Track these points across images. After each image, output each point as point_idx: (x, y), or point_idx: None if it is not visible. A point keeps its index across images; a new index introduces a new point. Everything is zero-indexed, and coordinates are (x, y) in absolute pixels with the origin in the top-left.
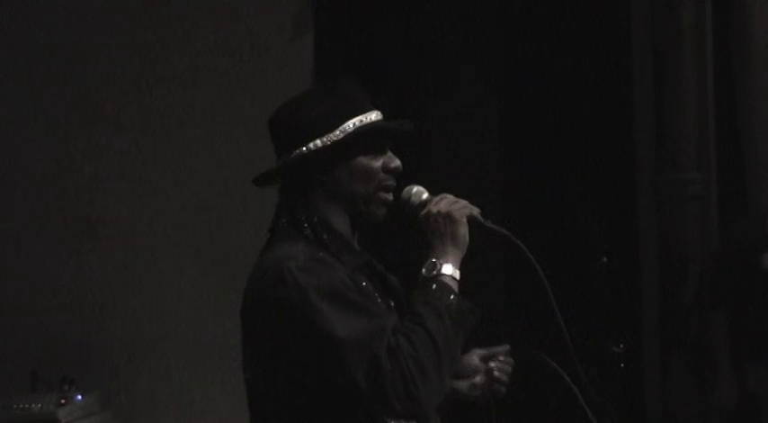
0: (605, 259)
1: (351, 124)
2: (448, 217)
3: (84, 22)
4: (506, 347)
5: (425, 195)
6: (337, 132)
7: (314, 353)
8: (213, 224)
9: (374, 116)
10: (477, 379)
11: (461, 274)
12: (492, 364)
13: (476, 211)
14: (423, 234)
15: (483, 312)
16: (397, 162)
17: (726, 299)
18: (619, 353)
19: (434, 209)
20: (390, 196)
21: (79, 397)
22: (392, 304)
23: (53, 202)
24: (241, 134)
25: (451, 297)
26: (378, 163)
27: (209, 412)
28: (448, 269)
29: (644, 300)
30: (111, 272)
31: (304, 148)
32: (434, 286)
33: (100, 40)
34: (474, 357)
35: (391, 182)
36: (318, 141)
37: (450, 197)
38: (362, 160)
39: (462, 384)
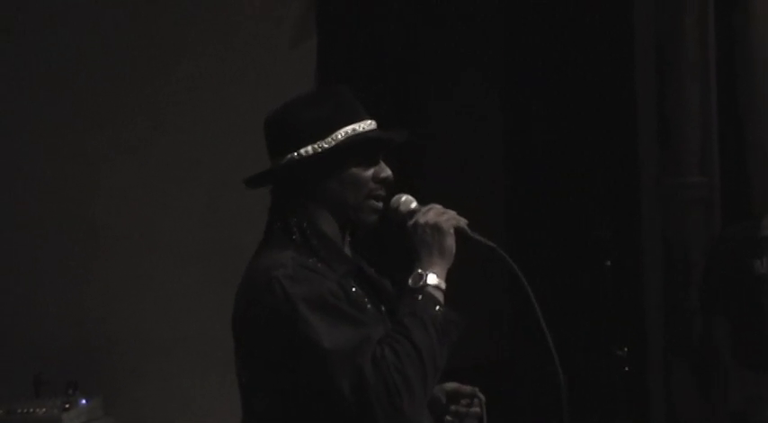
0: (609, 262)
1: (343, 132)
2: (436, 228)
3: (90, 23)
4: (472, 390)
5: (414, 204)
6: (329, 140)
7: (300, 362)
8: (217, 227)
9: (367, 125)
10: (447, 419)
11: (447, 285)
12: (452, 408)
13: (463, 222)
14: (409, 244)
15: (467, 323)
16: (387, 172)
17: (721, 304)
18: (623, 356)
19: (422, 220)
20: (380, 204)
21: (83, 401)
22: (383, 309)
23: (56, 206)
24: (245, 136)
25: (437, 308)
26: (368, 172)
27: (213, 416)
28: (434, 280)
29: (648, 302)
30: (115, 276)
31: (295, 154)
32: (420, 297)
33: (103, 42)
34: (441, 394)
35: (381, 191)
36: (310, 148)
37: (439, 208)
38: (353, 170)
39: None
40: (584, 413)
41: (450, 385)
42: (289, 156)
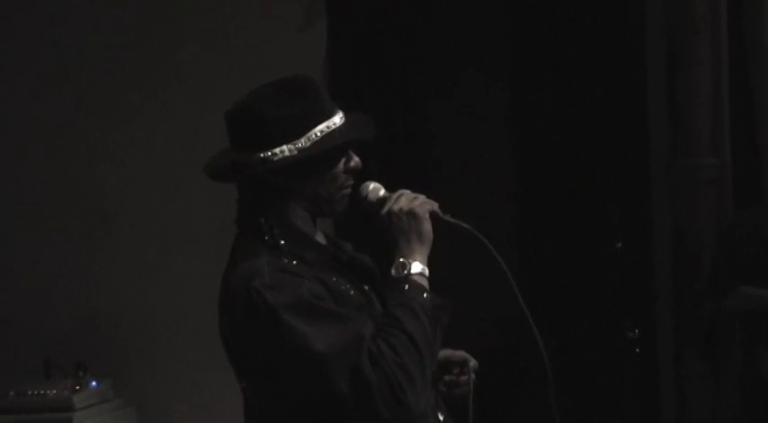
0: (620, 244)
1: (318, 132)
2: (411, 214)
3: (95, 13)
4: (464, 358)
5: (382, 192)
6: (303, 140)
7: (296, 370)
8: (226, 213)
9: (338, 120)
10: (440, 387)
11: (438, 271)
12: (446, 378)
13: (435, 205)
14: (385, 232)
15: (456, 306)
16: (356, 160)
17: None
18: (633, 338)
19: (396, 207)
20: (349, 190)
21: (93, 383)
22: (366, 288)
23: (66, 192)
24: None
25: (425, 295)
26: (340, 166)
27: (222, 399)
28: (417, 267)
29: (658, 284)
30: (125, 260)
31: (269, 153)
32: (407, 287)
33: (107, 32)
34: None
35: (351, 181)
36: (285, 148)
37: (409, 193)
38: (326, 170)
39: None
40: (593, 395)
41: (443, 353)
42: (262, 154)
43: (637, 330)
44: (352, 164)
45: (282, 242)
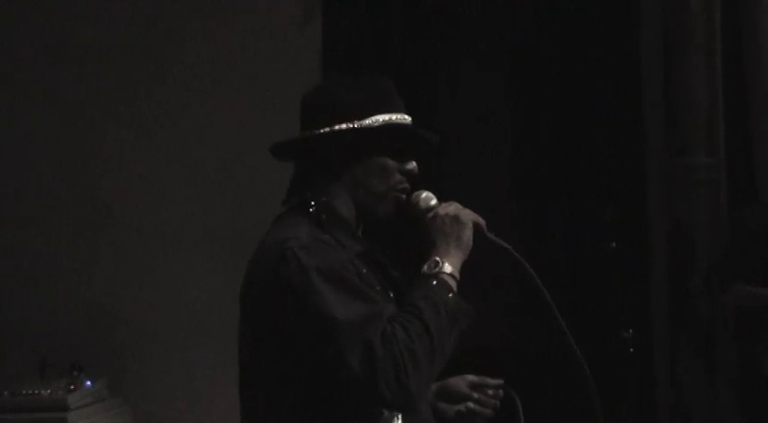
0: (614, 244)
1: (380, 118)
2: (455, 219)
3: (99, 9)
4: (499, 382)
5: (434, 201)
6: (366, 121)
7: (310, 333)
8: (223, 210)
9: (404, 118)
10: (462, 407)
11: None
12: (475, 396)
13: (481, 221)
14: (426, 234)
15: (476, 315)
16: (413, 164)
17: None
18: (628, 338)
19: (442, 211)
20: (403, 197)
21: (88, 383)
22: (392, 295)
23: (63, 189)
24: (251, 121)
25: (450, 295)
26: (395, 163)
27: (219, 398)
28: (449, 268)
29: (653, 284)
30: (121, 258)
31: (328, 129)
32: (435, 282)
33: (112, 32)
34: (463, 384)
35: (406, 185)
36: (344, 125)
37: (458, 205)
38: (383, 158)
39: (447, 409)
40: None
41: (473, 376)
42: (321, 130)
43: (631, 330)
44: (409, 166)
45: (324, 216)
